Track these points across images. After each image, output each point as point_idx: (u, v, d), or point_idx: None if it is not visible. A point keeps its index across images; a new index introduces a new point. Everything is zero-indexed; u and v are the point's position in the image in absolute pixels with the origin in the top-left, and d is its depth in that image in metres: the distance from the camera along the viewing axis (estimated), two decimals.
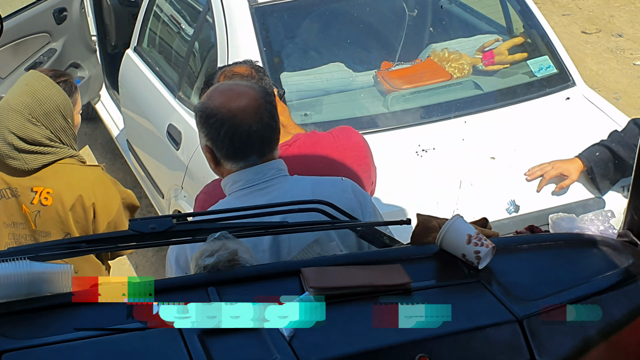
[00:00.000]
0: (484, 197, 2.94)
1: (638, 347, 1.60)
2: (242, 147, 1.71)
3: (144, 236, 1.50)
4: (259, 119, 1.70)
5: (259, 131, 1.70)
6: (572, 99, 3.29)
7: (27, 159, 2.25)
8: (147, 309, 1.38)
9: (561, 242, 1.76)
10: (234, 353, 1.31)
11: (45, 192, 2.29)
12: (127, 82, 3.92)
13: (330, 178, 1.91)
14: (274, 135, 1.76)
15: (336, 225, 1.68)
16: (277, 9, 3.34)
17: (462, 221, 1.56)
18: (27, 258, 1.39)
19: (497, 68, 3.51)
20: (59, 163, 2.29)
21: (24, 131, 2.23)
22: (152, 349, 1.32)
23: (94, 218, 2.35)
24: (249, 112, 1.70)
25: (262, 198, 1.73)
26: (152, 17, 3.85)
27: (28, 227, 2.34)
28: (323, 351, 1.33)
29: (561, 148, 3.08)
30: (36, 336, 1.31)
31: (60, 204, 2.28)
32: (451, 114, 3.25)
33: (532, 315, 1.43)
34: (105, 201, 2.35)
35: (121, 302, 1.41)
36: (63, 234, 2.34)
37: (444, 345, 1.41)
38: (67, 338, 1.30)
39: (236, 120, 1.68)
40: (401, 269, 1.47)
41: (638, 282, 1.58)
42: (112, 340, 1.31)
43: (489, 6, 3.82)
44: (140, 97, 3.80)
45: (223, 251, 1.45)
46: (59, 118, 2.29)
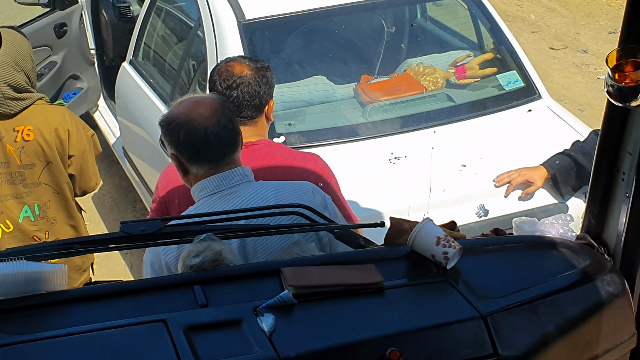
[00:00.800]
0: (455, 201, 3.05)
1: (595, 344, 1.68)
2: (202, 147, 1.81)
3: (134, 237, 1.56)
4: (216, 121, 1.80)
5: (216, 132, 1.80)
6: (535, 111, 3.42)
7: (10, 104, 2.57)
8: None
9: (524, 244, 1.83)
10: (217, 347, 1.35)
11: (26, 129, 2.64)
12: (123, 93, 4.04)
13: (293, 182, 2.00)
14: (233, 136, 1.85)
15: (315, 228, 1.78)
16: (263, 26, 3.45)
17: (431, 224, 1.62)
18: (24, 258, 1.44)
19: (468, 82, 3.64)
20: (33, 105, 2.64)
21: (13, 78, 2.55)
22: (141, 344, 1.36)
23: (68, 146, 2.72)
24: (206, 116, 1.81)
25: (229, 203, 1.82)
26: (147, 32, 3.98)
27: (11, 165, 2.67)
28: (301, 346, 1.37)
29: (527, 156, 3.19)
30: (32, 331, 1.35)
31: (41, 137, 2.63)
32: (425, 124, 3.35)
33: (496, 312, 1.49)
34: (77, 132, 2.73)
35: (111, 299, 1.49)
36: (45, 163, 2.70)
37: (413, 340, 1.46)
38: (61, 333, 1.35)
39: (193, 123, 1.79)
40: (374, 268, 1.54)
41: (594, 281, 1.66)
42: (104, 336, 1.35)
43: (462, 24, 3.94)
44: (135, 107, 3.92)
45: (208, 252, 1.52)
46: (29, 61, 2.65)
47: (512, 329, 1.52)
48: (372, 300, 1.53)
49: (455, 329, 1.50)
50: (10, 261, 1.44)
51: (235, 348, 1.35)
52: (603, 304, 1.65)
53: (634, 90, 1.53)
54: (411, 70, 3.59)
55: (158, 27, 3.90)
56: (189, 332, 1.35)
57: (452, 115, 3.43)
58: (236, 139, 1.87)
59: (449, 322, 1.49)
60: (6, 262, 1.43)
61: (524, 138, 3.34)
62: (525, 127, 3.40)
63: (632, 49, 1.50)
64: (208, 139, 1.81)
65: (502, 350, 1.46)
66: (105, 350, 1.35)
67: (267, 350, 1.33)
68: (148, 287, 1.54)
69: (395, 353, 1.38)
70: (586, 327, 1.64)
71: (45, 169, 2.76)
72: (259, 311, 1.41)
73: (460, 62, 3.72)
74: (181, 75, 3.59)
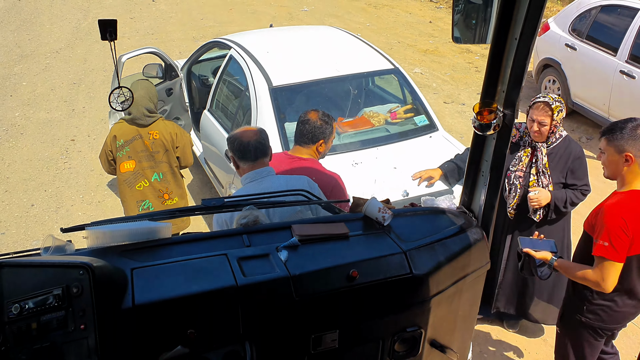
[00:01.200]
0: (390, 187, 3.96)
1: (467, 267, 2.11)
2: (245, 152, 2.61)
3: (209, 208, 2.05)
4: (255, 139, 2.61)
5: (254, 144, 2.60)
6: (434, 137, 4.46)
7: (147, 120, 4.20)
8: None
9: (427, 211, 2.28)
10: (256, 269, 1.80)
11: (155, 132, 4.24)
12: (204, 127, 5.25)
13: (295, 176, 2.68)
14: (263, 149, 2.66)
15: (312, 202, 2.30)
16: (283, 89, 4.50)
17: (375, 200, 2.11)
18: (148, 219, 1.95)
19: (397, 121, 4.67)
20: (158, 120, 4.23)
21: (148, 105, 4.17)
22: (212, 267, 1.80)
23: (176, 140, 4.26)
24: (249, 135, 2.61)
25: (260, 186, 2.53)
26: (218, 92, 5.18)
27: (148, 150, 4.23)
28: (302, 268, 1.82)
29: (429, 162, 4.20)
30: (151, 260, 1.83)
31: (162, 136, 4.23)
32: (373, 144, 4.36)
33: (411, 249, 1.97)
34: (180, 134, 4.32)
35: (197, 242, 1.92)
36: (165, 150, 4.27)
37: (364, 265, 1.88)
38: (167, 261, 1.82)
39: (242, 138, 2.60)
40: (344, 225, 2.03)
41: (466, 232, 2.14)
42: (192, 263, 1.82)
43: (394, 88, 5.03)
44: (211, 135, 5.13)
45: (251, 216, 2.05)
46: (155, 97, 4.27)
47: (420, 259, 1.95)
48: (342, 243, 1.95)
49: (388, 259, 1.91)
50: (139, 220, 1.95)
51: (265, 269, 1.80)
52: (471, 244, 2.11)
53: (487, 126, 2.05)
54: (366, 115, 4.67)
55: (224, 90, 5.11)
56: (240, 261, 1.81)
57: (388, 140, 4.48)
58: (265, 150, 2.63)
59: (385, 255, 1.92)
60: (140, 221, 1.92)
61: (428, 153, 4.37)
62: (429, 147, 4.46)
63: (487, 102, 2.05)
64: (249, 147, 2.61)
65: (414, 271, 1.91)
66: (193, 271, 1.79)
67: (283, 271, 1.78)
68: (217, 236, 1.99)
69: (355, 272, 1.82)
70: (462, 258, 2.07)
71: (164, 153, 4.30)
72: (279, 249, 1.89)
73: (393, 110, 4.79)
74: (236, 117, 4.76)
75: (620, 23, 6.82)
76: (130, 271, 1.75)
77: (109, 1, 13.87)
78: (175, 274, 1.77)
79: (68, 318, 1.55)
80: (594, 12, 7.22)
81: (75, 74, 9.47)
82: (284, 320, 1.79)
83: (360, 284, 1.84)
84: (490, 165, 2.16)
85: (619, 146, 2.71)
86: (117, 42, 1.93)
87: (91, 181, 6.45)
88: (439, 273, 1.99)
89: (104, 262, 1.70)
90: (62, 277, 1.58)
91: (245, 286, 1.72)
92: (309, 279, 1.81)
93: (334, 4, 13.53)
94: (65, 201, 6.08)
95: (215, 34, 11.07)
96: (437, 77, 9.16)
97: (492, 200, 2.21)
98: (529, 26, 1.79)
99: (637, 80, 6.41)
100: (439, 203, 2.33)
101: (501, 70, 1.94)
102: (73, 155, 7.02)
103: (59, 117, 8.02)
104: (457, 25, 2.20)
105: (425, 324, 1.97)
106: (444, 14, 12.63)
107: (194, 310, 1.68)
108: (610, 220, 2.71)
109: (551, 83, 7.94)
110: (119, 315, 1.61)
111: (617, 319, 3.01)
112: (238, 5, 13.49)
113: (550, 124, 3.54)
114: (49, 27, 12.05)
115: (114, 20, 1.81)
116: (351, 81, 4.93)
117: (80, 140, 7.39)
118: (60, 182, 6.45)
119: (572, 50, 7.40)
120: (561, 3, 11.34)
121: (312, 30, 6.07)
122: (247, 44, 5.20)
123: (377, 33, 11.43)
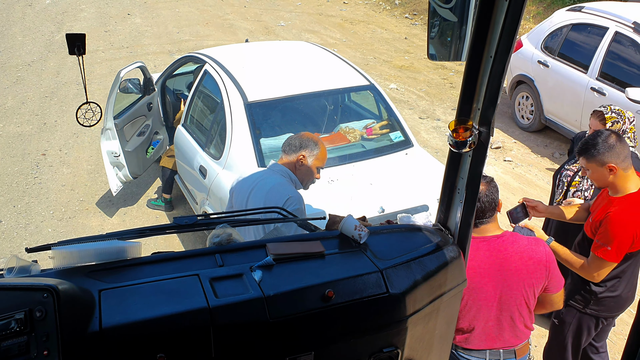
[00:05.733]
0: (366, 203, 3.93)
1: (443, 285, 2.09)
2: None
3: (181, 227, 2.02)
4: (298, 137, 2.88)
5: (288, 140, 2.90)
6: (410, 154, 4.49)
7: None
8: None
9: (404, 229, 2.25)
10: (228, 290, 1.76)
11: None
12: (178, 142, 5.23)
13: (276, 188, 2.69)
14: (288, 148, 2.94)
15: (287, 219, 2.26)
16: (258, 104, 4.48)
17: (351, 218, 2.07)
18: (117, 238, 1.89)
19: (373, 137, 4.71)
20: None
21: None
22: (184, 288, 1.76)
23: None
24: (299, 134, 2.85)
25: (245, 182, 2.73)
26: (192, 106, 5.14)
27: None
28: (277, 288, 1.78)
29: (405, 179, 4.25)
30: (120, 281, 1.77)
31: None
32: (349, 160, 4.38)
33: (387, 268, 1.94)
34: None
35: (168, 262, 1.87)
36: None
37: (340, 285, 1.85)
38: (137, 282, 1.77)
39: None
40: (320, 243, 2.00)
41: (443, 250, 2.10)
42: (162, 284, 1.77)
43: (370, 104, 5.09)
44: (185, 150, 5.07)
45: (224, 234, 2.03)
46: None
47: (397, 277, 1.92)
48: (318, 262, 1.94)
49: (365, 277, 1.89)
50: (107, 240, 1.88)
51: (239, 290, 1.75)
52: (448, 262, 2.09)
53: (463, 143, 2.01)
54: (342, 131, 4.69)
55: (199, 104, 5.07)
56: (212, 281, 1.76)
57: (364, 156, 4.51)
58: (290, 149, 2.95)
59: (361, 274, 1.89)
60: (108, 240, 1.87)
61: (404, 168, 4.42)
62: (405, 163, 4.49)
63: (462, 120, 2.01)
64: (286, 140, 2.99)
65: (391, 290, 1.88)
66: (164, 292, 1.74)
67: (256, 291, 1.74)
68: (189, 255, 1.92)
69: (330, 292, 1.79)
70: (438, 276, 2.05)
71: None
72: (253, 268, 1.85)
73: (369, 126, 4.81)
74: (211, 132, 4.70)
75: (591, 41, 6.97)
76: (97, 293, 1.71)
77: (84, 14, 13.73)
78: (145, 295, 1.74)
79: (31, 344, 1.49)
80: (565, 30, 7.36)
81: (47, 87, 9.32)
82: (258, 343, 1.77)
83: (336, 304, 1.83)
84: (466, 183, 2.14)
85: (599, 161, 2.85)
86: (91, 55, 1.88)
87: (62, 197, 6.32)
88: (416, 292, 1.98)
89: (70, 284, 1.65)
90: (25, 300, 1.53)
91: (217, 308, 1.69)
92: (283, 300, 1.78)
93: (310, 19, 13.60)
94: (35, 217, 5.94)
95: (192, 47, 11.01)
96: (413, 93, 9.23)
97: (468, 218, 2.20)
98: (504, 44, 1.79)
99: (608, 98, 6.53)
100: (415, 220, 2.34)
101: (476, 88, 1.93)
102: (44, 170, 6.88)
103: (29, 131, 7.87)
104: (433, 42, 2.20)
105: (402, 344, 1.96)
106: (419, 30, 12.77)
107: (164, 334, 1.65)
108: (620, 231, 2.85)
109: (524, 99, 8.05)
110: (85, 340, 1.56)
111: (620, 305, 3.22)
112: (215, 19, 13.47)
113: None
114: (21, 39, 11.87)
115: (82, 35, 1.76)
116: (327, 97, 4.96)
117: (51, 154, 7.25)
118: (30, 197, 6.31)
119: (544, 67, 7.52)
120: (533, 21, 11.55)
121: (287, 45, 6.07)
122: (222, 59, 5.17)
123: (353, 49, 11.49)
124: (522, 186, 6.63)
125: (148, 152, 6.00)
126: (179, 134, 5.36)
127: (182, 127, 5.35)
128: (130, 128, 5.70)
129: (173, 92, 6.50)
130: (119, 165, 5.46)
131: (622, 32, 6.59)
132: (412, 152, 4.67)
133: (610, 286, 3.09)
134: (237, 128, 4.39)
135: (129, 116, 5.63)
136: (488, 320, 2.69)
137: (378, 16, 14.03)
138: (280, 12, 14.11)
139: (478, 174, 2.09)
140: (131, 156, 5.59)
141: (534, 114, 7.88)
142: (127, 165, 5.46)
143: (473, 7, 1.85)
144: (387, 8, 14.47)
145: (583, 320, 3.26)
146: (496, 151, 7.38)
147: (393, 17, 14.00)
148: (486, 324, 2.69)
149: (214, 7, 14.35)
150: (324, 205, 3.38)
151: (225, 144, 4.45)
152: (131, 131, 5.72)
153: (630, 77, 6.45)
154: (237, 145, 4.37)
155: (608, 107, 3.70)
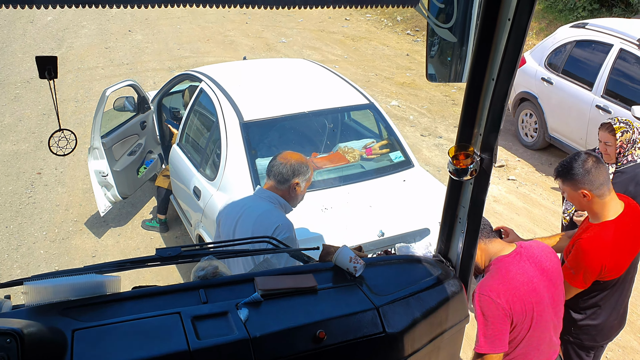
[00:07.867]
0: (365, 227, 3.79)
1: (444, 322, 2.03)
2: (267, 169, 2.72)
3: (164, 259, 1.94)
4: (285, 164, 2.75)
5: (277, 165, 2.81)
6: (409, 175, 4.36)
7: None
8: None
9: (402, 260, 2.21)
10: (211, 330, 1.70)
11: None
12: (173, 161, 5.09)
13: (266, 215, 2.58)
14: (281, 178, 2.79)
15: (279, 250, 2.17)
16: (254, 124, 4.37)
17: (347, 248, 2.03)
18: (95, 272, 1.81)
19: (373, 157, 4.59)
20: None
21: None
22: (164, 328, 1.70)
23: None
24: (286, 158, 2.79)
25: (235, 208, 2.64)
26: (188, 125, 5.03)
27: None
28: (264, 328, 1.73)
29: (407, 199, 4.12)
30: (97, 320, 1.70)
31: None
32: (348, 181, 4.26)
33: (384, 304, 1.88)
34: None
35: (148, 298, 1.80)
36: None
37: (333, 324, 1.81)
38: (115, 321, 1.70)
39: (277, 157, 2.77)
40: (312, 277, 1.95)
41: (443, 284, 2.05)
42: (142, 322, 1.71)
43: (370, 123, 4.99)
44: (179, 170, 4.93)
45: (210, 267, 1.94)
46: None
47: (394, 315, 1.88)
48: (310, 297, 1.88)
49: (359, 316, 1.85)
50: (83, 274, 1.80)
51: (223, 330, 1.71)
52: (449, 298, 2.02)
53: (464, 171, 1.94)
54: (341, 150, 4.58)
55: (194, 123, 4.96)
56: (194, 320, 1.71)
57: (364, 176, 4.37)
58: (282, 179, 2.76)
59: (355, 311, 1.85)
60: (81, 275, 1.78)
61: (405, 190, 4.28)
62: (405, 184, 4.35)
63: (463, 146, 1.94)
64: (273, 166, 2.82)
65: (388, 329, 1.83)
66: (142, 332, 1.67)
67: (242, 332, 1.70)
68: (171, 290, 1.86)
69: (322, 333, 1.75)
70: (439, 312, 1.99)
71: None
72: (239, 306, 1.79)
73: (368, 146, 4.68)
74: (206, 151, 4.60)
75: (595, 58, 6.86)
76: (71, 333, 1.62)
77: (85, 30, 13.73)
78: (122, 336, 1.66)
79: None
80: (569, 47, 7.26)
81: (45, 105, 9.25)
82: None
83: (328, 345, 1.75)
84: (467, 212, 2.06)
85: (573, 185, 2.78)
86: (91, 72, 1.77)
87: (56, 217, 6.20)
88: (415, 330, 1.90)
89: (39, 326, 1.56)
90: None
91: (198, 351, 1.62)
92: (271, 341, 1.71)
93: (312, 35, 13.57)
94: (27, 238, 5.82)
95: (192, 64, 10.96)
96: (414, 110, 9.13)
97: (470, 250, 2.11)
98: (507, 66, 1.72)
99: (613, 115, 6.40)
100: (415, 251, 2.25)
101: (478, 112, 1.84)
102: (39, 189, 6.78)
103: (25, 149, 7.78)
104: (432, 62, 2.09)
105: None
106: (421, 47, 12.73)
107: None
108: (587, 259, 2.76)
109: (528, 117, 7.94)
110: None
111: (606, 334, 3.10)
112: (216, 35, 13.45)
113: (614, 144, 3.62)
114: (21, 56, 11.85)
115: (54, 57, 1.68)
116: (325, 116, 4.84)
117: (47, 173, 7.16)
118: (23, 217, 6.20)
119: (548, 84, 7.41)
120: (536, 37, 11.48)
121: (285, 63, 5.97)
122: (218, 77, 5.07)
123: (355, 65, 11.43)
124: (526, 206, 6.49)
125: (140, 171, 5.83)
126: (174, 153, 5.25)
127: (177, 147, 5.24)
128: (120, 147, 5.53)
129: (170, 110, 6.40)
130: (107, 185, 5.29)
131: (627, 49, 6.49)
132: (412, 173, 4.53)
133: (590, 314, 2.99)
134: (232, 148, 4.26)
135: (119, 135, 5.47)
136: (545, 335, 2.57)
137: (380, 33, 14.00)
138: (281, 28, 14.09)
139: (480, 202, 2.00)
140: (120, 176, 5.41)
141: (538, 131, 7.75)
142: (116, 185, 5.29)
143: (474, 27, 1.75)
144: (389, 25, 14.45)
145: (571, 348, 3.16)
146: (500, 169, 7.24)
147: (395, 33, 13.97)
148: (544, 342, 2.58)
149: (215, 24, 14.34)
150: (320, 232, 3.32)
151: (220, 164, 4.32)
152: (121, 150, 5.55)
153: (636, 94, 6.34)
154: (232, 166, 4.24)
155: (615, 119, 3.67)
